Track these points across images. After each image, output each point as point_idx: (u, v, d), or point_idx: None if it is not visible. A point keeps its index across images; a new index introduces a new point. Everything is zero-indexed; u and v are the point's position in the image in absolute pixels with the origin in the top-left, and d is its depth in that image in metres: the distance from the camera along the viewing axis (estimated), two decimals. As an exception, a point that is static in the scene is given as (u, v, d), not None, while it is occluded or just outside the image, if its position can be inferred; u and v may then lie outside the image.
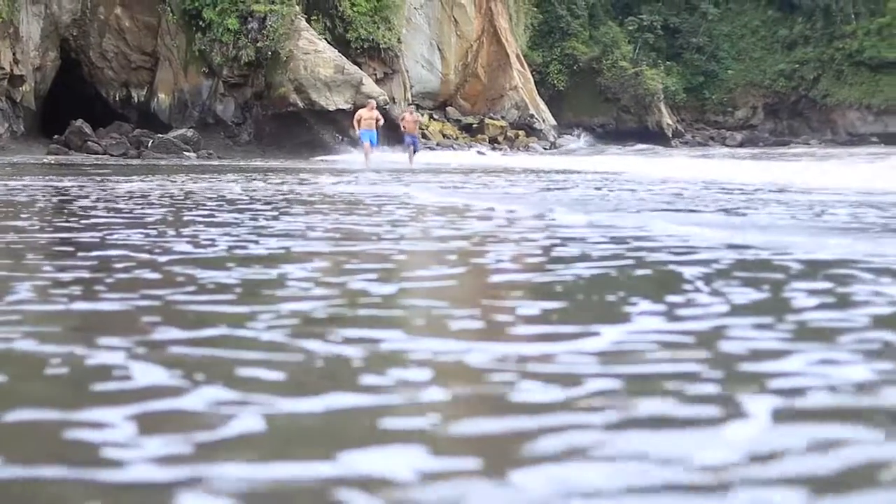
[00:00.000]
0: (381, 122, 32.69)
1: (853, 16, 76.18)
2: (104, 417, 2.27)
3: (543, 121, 59.88)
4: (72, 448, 2.08)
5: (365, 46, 45.83)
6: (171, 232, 7.23)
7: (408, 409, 2.36)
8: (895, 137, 69.00)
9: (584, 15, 72.78)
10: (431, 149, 44.83)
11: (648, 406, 2.38)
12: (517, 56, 61.08)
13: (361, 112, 32.95)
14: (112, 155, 38.00)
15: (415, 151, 33.12)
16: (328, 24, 45.91)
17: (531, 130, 58.43)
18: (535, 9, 69.46)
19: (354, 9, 46.07)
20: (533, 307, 3.91)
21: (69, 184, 15.40)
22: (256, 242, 6.43)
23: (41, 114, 42.72)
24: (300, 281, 4.61)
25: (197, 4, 42.90)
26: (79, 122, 39.88)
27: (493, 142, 54.82)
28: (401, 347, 3.10)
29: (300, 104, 41.36)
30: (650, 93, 69.29)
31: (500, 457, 2.02)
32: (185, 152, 38.42)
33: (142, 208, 10.01)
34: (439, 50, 57.03)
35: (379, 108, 41.85)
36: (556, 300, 4.17)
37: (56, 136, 39.46)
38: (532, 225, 8.47)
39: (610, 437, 2.12)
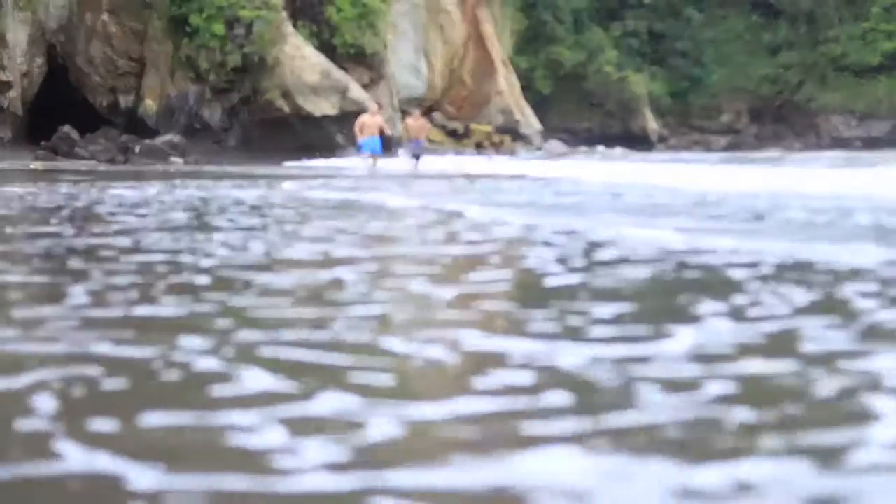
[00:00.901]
0: (386, 129, 30.00)
1: (837, 21, 76.38)
2: (247, 421, 2.29)
3: (529, 126, 60.00)
4: (235, 455, 2.09)
5: (351, 52, 45.90)
6: (200, 236, 7.39)
7: (533, 412, 2.40)
8: (878, 142, 69.23)
9: (569, 20, 72.96)
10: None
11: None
12: (503, 61, 61.20)
13: (364, 118, 29.90)
14: (99, 161, 37.95)
15: (419, 157, 31.05)
16: (314, 29, 45.98)
17: (517, 135, 58.53)
18: (521, 14, 69.56)
19: (340, 14, 46.14)
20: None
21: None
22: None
23: (28, 120, 42.66)
24: (356, 284, 4.74)
25: (184, 10, 42.91)
26: (66, 127, 39.84)
27: (478, 147, 54.90)
28: (491, 349, 3.17)
29: (287, 110, 41.47)
30: (635, 98, 69.57)
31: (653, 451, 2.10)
32: (171, 158, 38.44)
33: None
34: (425, 55, 57.10)
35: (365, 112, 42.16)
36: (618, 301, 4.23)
37: (43, 142, 39.38)
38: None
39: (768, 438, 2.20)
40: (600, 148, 63.18)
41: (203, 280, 4.91)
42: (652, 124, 71.19)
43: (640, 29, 77.90)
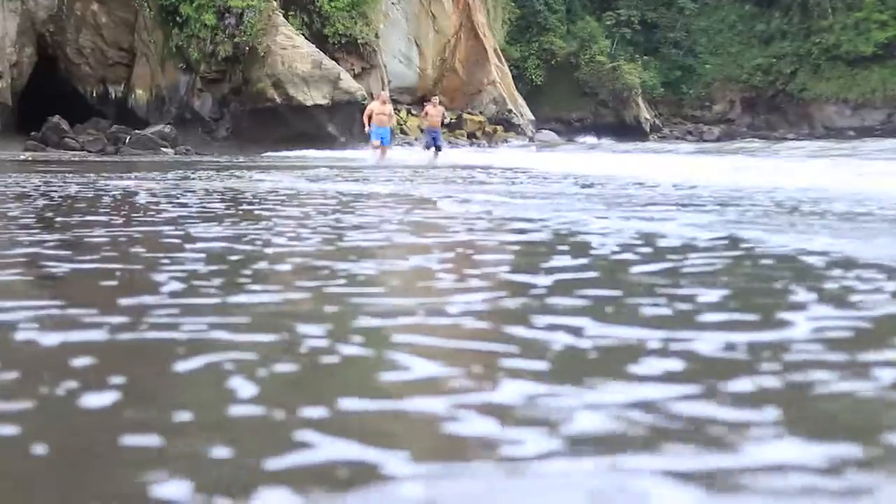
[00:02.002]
0: (394, 119, 28.74)
1: (830, 10, 76.37)
2: (442, 409, 2.23)
3: (521, 115, 59.96)
4: (461, 443, 2.03)
5: (342, 41, 45.79)
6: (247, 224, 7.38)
7: (698, 396, 2.35)
8: (872, 131, 69.24)
9: (561, 10, 72.96)
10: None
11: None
12: (495, 51, 61.15)
13: (373, 106, 29.05)
14: (89, 151, 37.86)
15: (438, 148, 30.02)
16: (305, 19, 45.86)
17: (509, 125, 58.50)
18: (513, 3, 69.55)
19: (332, 4, 46.02)
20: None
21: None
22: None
23: (18, 110, 42.53)
24: (444, 272, 4.67)
25: (174, 0, 42.81)
26: (56, 118, 39.75)
27: (471, 137, 54.83)
28: (624, 336, 3.08)
29: (278, 99, 41.33)
30: (628, 87, 69.56)
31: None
32: (162, 148, 38.35)
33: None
34: (417, 45, 57.03)
35: (357, 102, 42.09)
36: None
37: (33, 133, 39.28)
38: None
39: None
40: (589, 139, 62.84)
41: (283, 267, 4.92)
42: (645, 114, 71.18)
43: (632, 18, 77.85)
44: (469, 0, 59.26)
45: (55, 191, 12.15)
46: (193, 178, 16.13)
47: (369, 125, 28.53)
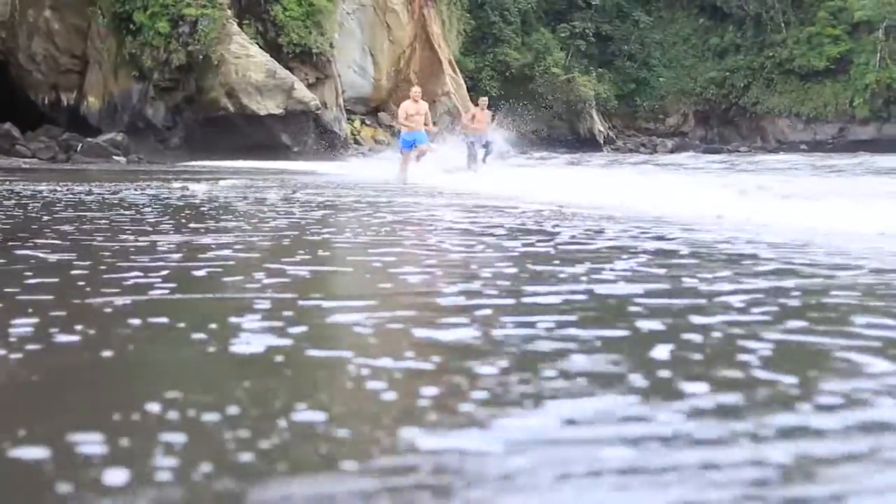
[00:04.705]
0: (430, 121, 23.96)
1: (783, 25, 76.93)
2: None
3: (476, 127, 59.96)
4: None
5: (297, 51, 45.64)
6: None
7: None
8: (824, 145, 69.83)
9: (516, 21, 73.11)
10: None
11: None
12: (449, 62, 61.17)
13: (406, 106, 23.73)
14: (41, 159, 37.64)
15: (488, 154, 26.80)
16: (260, 28, 45.73)
17: (464, 137, 58.47)
18: (468, 15, 69.59)
19: (286, 13, 45.90)
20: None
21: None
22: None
23: (-32, 117, 42.19)
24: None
25: (127, 7, 42.55)
26: (6, 125, 39.49)
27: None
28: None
29: (231, 108, 41.18)
30: (582, 99, 69.80)
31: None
32: (114, 156, 38.14)
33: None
34: (372, 55, 56.97)
35: (311, 112, 41.96)
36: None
37: (-17, 140, 39.00)
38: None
39: None
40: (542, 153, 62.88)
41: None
42: (599, 126, 71.44)
43: (587, 31, 78.12)
44: (424, 11, 59.26)
45: None
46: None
47: (403, 128, 23.85)
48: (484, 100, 28.65)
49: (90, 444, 2.06)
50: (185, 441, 2.09)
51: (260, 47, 43.48)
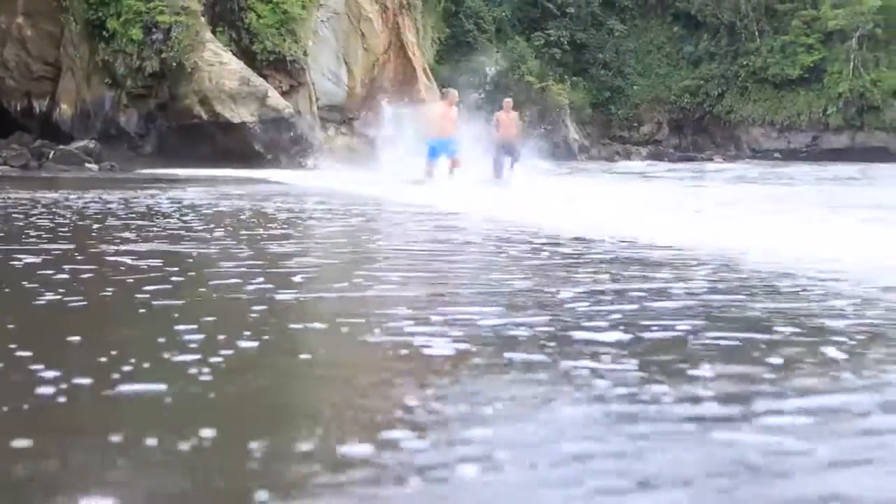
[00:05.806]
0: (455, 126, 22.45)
1: (757, 34, 77.27)
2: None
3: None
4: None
5: (271, 59, 45.51)
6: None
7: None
8: (798, 153, 70.22)
9: (491, 30, 73.21)
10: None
11: None
12: (424, 70, 61.13)
13: (437, 109, 22.71)
14: (12, 166, 37.42)
15: (515, 160, 25.01)
16: (234, 35, 45.60)
17: (438, 144, 58.41)
18: (443, 23, 69.61)
19: (260, 21, 45.80)
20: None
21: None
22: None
23: (-61, 124, 41.98)
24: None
25: (100, 14, 42.33)
26: (-23, 132, 39.34)
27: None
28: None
29: (204, 116, 41.02)
30: (556, 108, 69.85)
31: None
32: (86, 164, 37.97)
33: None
34: (346, 63, 56.84)
35: (285, 120, 41.82)
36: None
37: (-46, 147, 38.80)
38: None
39: None
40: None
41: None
42: (574, 134, 71.56)
43: (562, 39, 78.26)
44: (399, 19, 59.22)
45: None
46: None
47: (431, 134, 22.50)
48: (509, 101, 26.31)
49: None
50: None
51: (234, 54, 43.35)
